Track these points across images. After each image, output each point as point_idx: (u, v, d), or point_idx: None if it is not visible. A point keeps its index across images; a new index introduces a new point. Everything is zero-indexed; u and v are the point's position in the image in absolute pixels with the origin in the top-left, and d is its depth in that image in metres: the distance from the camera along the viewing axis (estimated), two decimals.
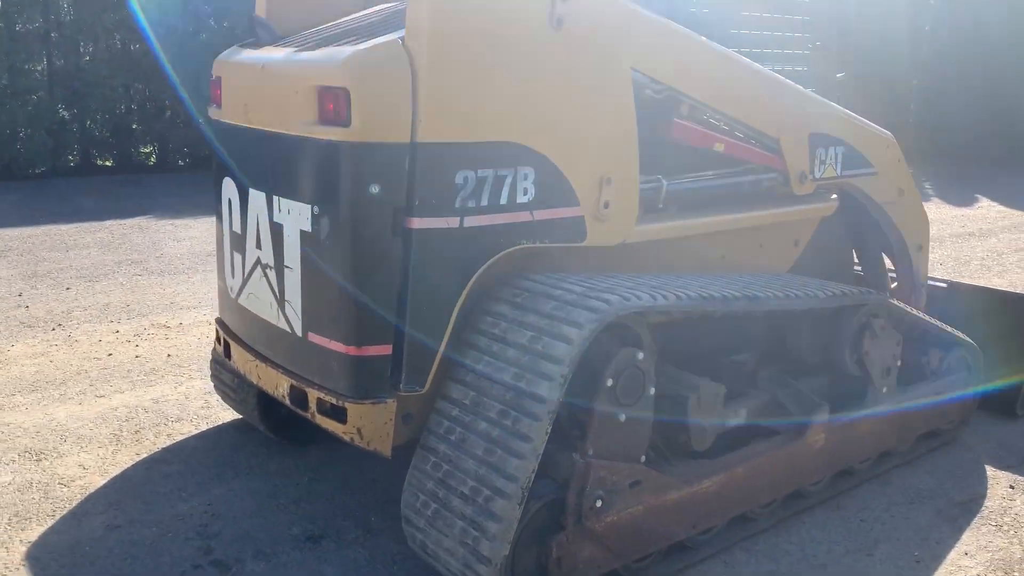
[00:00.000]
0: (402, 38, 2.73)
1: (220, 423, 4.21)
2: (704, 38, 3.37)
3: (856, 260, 4.69)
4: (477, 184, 2.81)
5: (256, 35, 3.37)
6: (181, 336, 5.45)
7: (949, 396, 3.99)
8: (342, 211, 2.73)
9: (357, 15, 3.43)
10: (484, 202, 2.84)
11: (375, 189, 2.69)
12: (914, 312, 3.86)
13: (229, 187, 3.26)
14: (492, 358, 2.81)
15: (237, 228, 3.23)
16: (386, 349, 2.81)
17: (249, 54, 3.24)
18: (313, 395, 2.94)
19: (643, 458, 2.91)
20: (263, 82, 3.01)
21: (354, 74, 2.67)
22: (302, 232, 2.87)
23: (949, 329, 4.02)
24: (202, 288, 6.54)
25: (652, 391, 2.88)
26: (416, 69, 2.68)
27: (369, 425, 2.84)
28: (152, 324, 5.67)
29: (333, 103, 2.69)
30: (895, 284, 4.66)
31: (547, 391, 2.61)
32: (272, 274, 3.04)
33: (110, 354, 5.11)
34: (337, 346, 2.84)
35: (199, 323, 5.71)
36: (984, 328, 4.30)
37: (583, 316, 2.70)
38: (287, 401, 3.07)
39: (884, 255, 4.63)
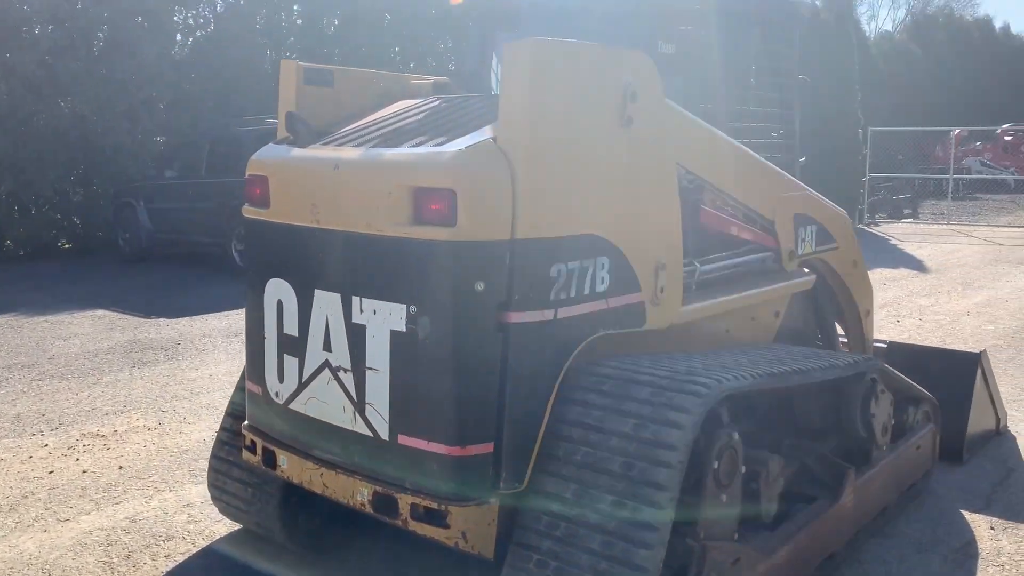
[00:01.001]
0: (493, 138, 2.77)
1: (217, 537, 3.93)
2: (723, 133, 3.61)
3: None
4: (567, 276, 2.87)
5: (294, 132, 3.27)
6: (123, 445, 5.03)
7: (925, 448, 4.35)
8: (446, 309, 2.70)
9: (394, 112, 3.39)
10: (572, 293, 2.89)
11: (480, 286, 2.68)
12: (898, 374, 4.21)
13: (279, 288, 3.12)
14: (592, 448, 2.82)
15: (292, 331, 3.09)
16: (488, 447, 2.77)
17: (308, 153, 3.14)
18: (405, 500, 2.83)
19: (736, 535, 3.00)
20: (339, 182, 2.93)
21: (460, 175, 2.67)
22: (392, 332, 2.79)
23: (918, 387, 4.40)
24: (121, 391, 6.08)
25: (743, 469, 2.99)
26: (514, 168, 2.72)
27: (473, 528, 2.77)
28: (83, 434, 5.20)
29: (438, 204, 2.67)
30: (843, 346, 5.04)
31: (667, 478, 2.66)
32: (348, 377, 2.92)
33: (51, 472, 4.65)
34: (436, 447, 2.76)
35: (136, 429, 5.30)
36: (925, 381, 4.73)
37: (688, 401, 2.78)
38: (368, 508, 2.93)
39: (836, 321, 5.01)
